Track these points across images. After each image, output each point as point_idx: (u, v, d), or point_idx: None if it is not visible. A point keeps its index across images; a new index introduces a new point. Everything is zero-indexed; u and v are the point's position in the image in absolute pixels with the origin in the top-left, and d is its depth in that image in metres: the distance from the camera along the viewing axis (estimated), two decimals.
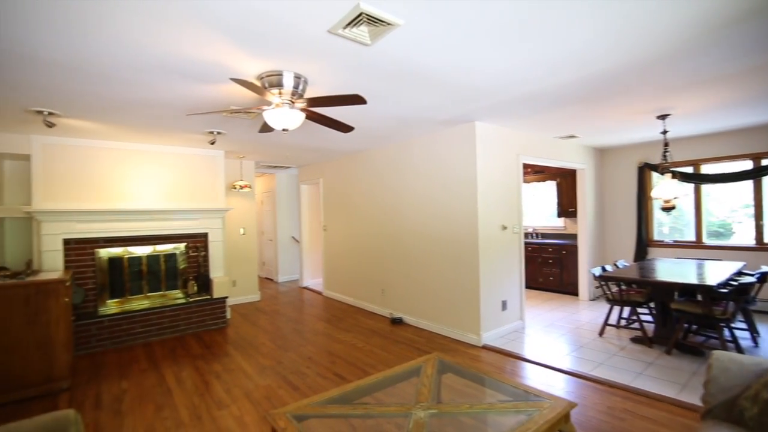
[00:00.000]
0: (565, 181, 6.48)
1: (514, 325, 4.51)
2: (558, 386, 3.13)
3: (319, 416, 2.01)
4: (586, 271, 5.91)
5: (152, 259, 4.94)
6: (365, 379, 2.39)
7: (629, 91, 3.19)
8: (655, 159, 5.77)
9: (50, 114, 3.35)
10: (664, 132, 4.30)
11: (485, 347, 4.03)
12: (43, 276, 3.51)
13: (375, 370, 3.54)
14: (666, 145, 4.28)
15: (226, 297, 5.10)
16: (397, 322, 5.03)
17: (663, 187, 4.23)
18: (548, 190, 7.08)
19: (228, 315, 5.24)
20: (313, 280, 7.91)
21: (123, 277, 4.73)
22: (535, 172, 7.00)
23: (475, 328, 4.13)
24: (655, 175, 5.93)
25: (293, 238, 8.47)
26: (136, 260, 4.82)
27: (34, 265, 4.17)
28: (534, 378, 3.30)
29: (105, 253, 4.57)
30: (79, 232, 4.36)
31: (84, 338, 4.17)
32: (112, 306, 4.59)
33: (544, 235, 7.13)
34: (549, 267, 6.51)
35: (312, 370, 3.57)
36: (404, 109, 3.51)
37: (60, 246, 4.25)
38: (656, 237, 6.00)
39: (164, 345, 4.39)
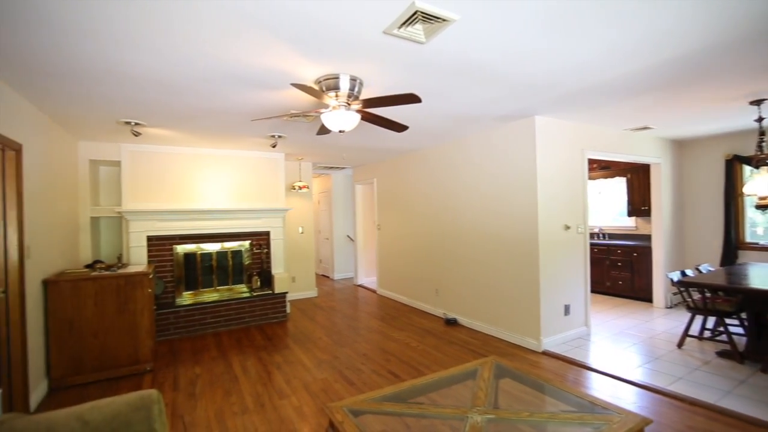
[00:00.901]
0: (637, 177, 5.96)
1: (578, 331, 4.24)
2: (628, 400, 2.89)
3: (375, 412, 2.04)
4: (661, 276, 5.39)
5: (221, 255, 5.33)
6: (420, 378, 2.38)
7: (716, 75, 2.85)
8: (748, 150, 5.10)
9: (136, 124, 3.74)
10: (760, 119, 3.78)
11: (545, 353, 3.83)
12: (131, 269, 3.93)
13: (429, 370, 3.52)
14: (762, 134, 3.76)
15: (286, 292, 5.36)
16: (451, 322, 4.95)
17: (758, 182, 3.73)
18: (617, 187, 6.56)
19: (288, 309, 5.51)
20: (367, 278, 8.05)
21: (196, 271, 5.16)
22: (601, 168, 6.52)
23: (534, 333, 3.95)
24: (747, 169, 5.24)
25: (348, 236, 8.68)
26: (207, 256, 5.24)
27: (123, 259, 4.69)
28: (600, 389, 3.08)
29: (181, 249, 5.02)
30: (160, 230, 4.84)
31: (163, 326, 4.61)
32: (186, 297, 5.03)
33: (612, 236, 6.61)
34: (618, 270, 6.03)
35: (367, 367, 3.63)
36: (460, 105, 3.45)
37: (144, 242, 4.74)
38: (749, 239, 5.30)
39: (231, 335, 4.72)
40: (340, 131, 2.84)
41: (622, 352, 3.81)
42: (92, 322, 3.48)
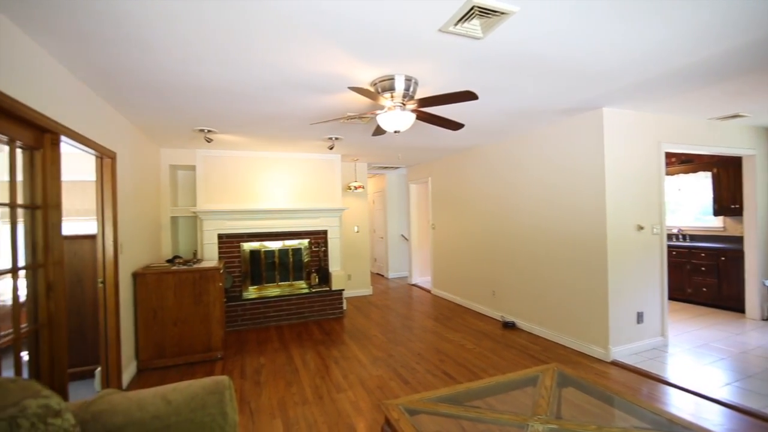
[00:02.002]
0: (725, 171, 5.32)
1: (653, 341, 3.88)
2: (713, 420, 2.59)
3: (430, 413, 2.03)
4: (756, 283, 4.75)
5: (282, 252, 5.63)
6: (476, 382, 2.34)
7: None
8: None
9: (209, 131, 4.07)
10: None
11: (614, 363, 3.56)
12: (205, 264, 4.28)
13: (485, 373, 3.43)
14: None
15: (343, 289, 5.52)
16: (509, 326, 4.78)
17: None
18: (700, 183, 5.90)
19: (344, 306, 5.66)
20: (421, 277, 8.03)
21: (260, 267, 5.50)
22: (681, 162, 5.90)
23: (602, 341, 3.68)
24: None
25: (402, 236, 8.71)
26: (270, 253, 5.56)
27: (198, 255, 5.12)
28: (679, 406, 2.80)
29: (247, 246, 5.38)
30: (229, 228, 5.22)
31: (232, 317, 4.97)
32: (252, 292, 5.37)
33: (694, 237, 5.96)
34: (701, 275, 5.42)
35: (421, 366, 3.63)
36: (519, 100, 3.32)
37: (215, 240, 5.15)
38: None
39: (291, 329, 4.96)
40: (396, 132, 2.87)
41: (706, 366, 3.43)
42: (172, 311, 3.84)
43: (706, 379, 3.19)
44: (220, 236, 5.19)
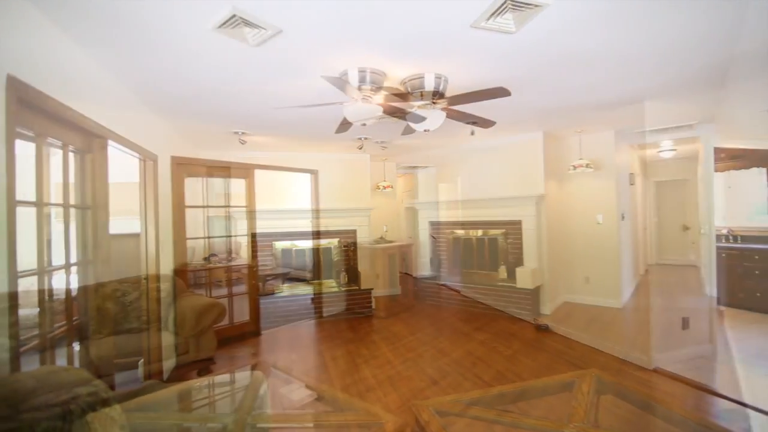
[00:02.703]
0: None
1: (700, 349, 3.65)
2: None
3: (461, 416, 2.01)
4: None
5: (313, 251, 5.73)
6: (509, 385, 2.28)
7: None
8: None
9: (243, 133, 4.20)
10: None
11: (657, 371, 3.37)
12: (239, 262, 4.42)
13: (518, 377, 3.34)
14: None
15: (372, 289, 5.55)
16: (543, 329, 4.64)
17: None
18: (753, 179, 5.48)
19: (373, 305, 5.69)
20: (450, 278, 7.92)
21: (291, 265, 5.62)
22: (731, 158, 5.49)
23: (643, 347, 3.50)
24: None
25: (431, 236, 8.63)
26: (300, 252, 5.67)
27: (232, 254, 5.30)
28: (729, 419, 2.61)
29: (279, 245, 5.51)
30: (261, 227, 5.35)
31: (264, 314, 5.08)
32: (283, 289, 5.50)
33: (746, 238, 5.55)
34: (755, 280, 5.04)
35: (452, 368, 3.58)
36: (552, 96, 3.21)
37: (248, 239, 5.30)
38: None
39: (321, 326, 5.03)
40: (425, 131, 2.84)
41: (761, 378, 3.18)
42: (209, 306, 3.98)
43: (760, 390, 2.96)
44: (253, 235, 5.34)
